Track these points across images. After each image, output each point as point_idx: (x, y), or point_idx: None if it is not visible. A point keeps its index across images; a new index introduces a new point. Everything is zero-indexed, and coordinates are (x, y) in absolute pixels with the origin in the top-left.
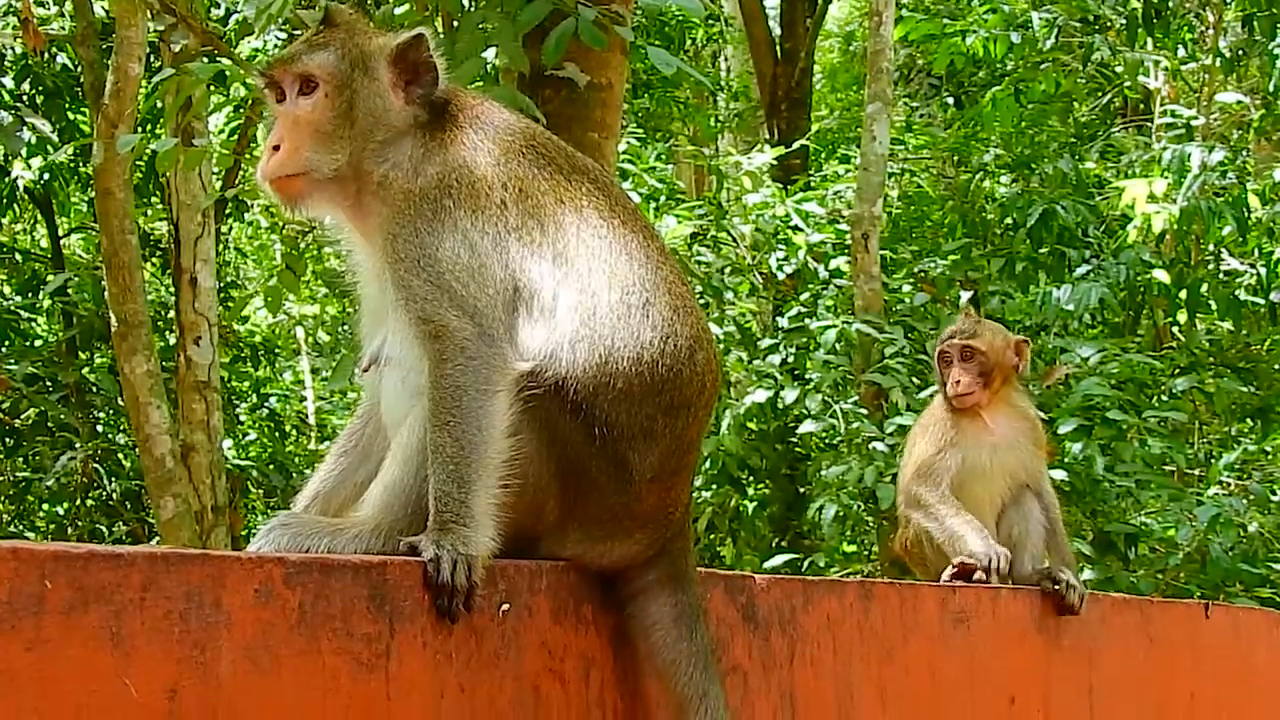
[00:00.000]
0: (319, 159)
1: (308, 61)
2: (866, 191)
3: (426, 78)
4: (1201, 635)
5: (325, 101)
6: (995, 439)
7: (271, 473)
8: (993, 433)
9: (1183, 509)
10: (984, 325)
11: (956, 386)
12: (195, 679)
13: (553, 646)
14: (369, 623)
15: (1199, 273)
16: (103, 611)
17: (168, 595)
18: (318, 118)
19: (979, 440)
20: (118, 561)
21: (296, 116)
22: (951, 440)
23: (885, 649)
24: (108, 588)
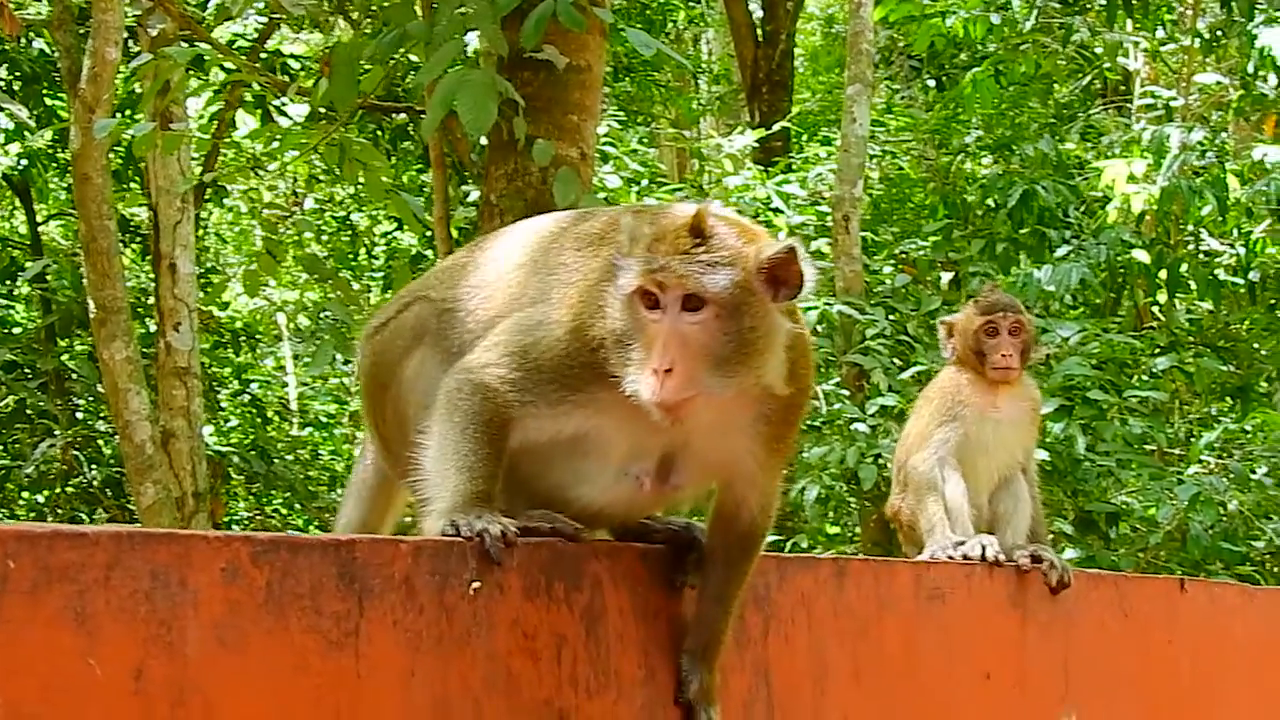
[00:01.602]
0: (714, 383)
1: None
2: (847, 173)
3: (794, 284)
4: (1177, 610)
5: (716, 323)
6: (1000, 415)
7: (253, 459)
8: (999, 409)
9: (1163, 488)
10: (1020, 303)
11: (1008, 360)
12: (161, 658)
13: (525, 624)
14: (338, 601)
15: (1179, 253)
16: (67, 591)
17: (133, 574)
18: (709, 340)
19: (984, 416)
20: (82, 541)
21: (684, 335)
22: (957, 415)
23: (860, 625)
24: (72, 567)
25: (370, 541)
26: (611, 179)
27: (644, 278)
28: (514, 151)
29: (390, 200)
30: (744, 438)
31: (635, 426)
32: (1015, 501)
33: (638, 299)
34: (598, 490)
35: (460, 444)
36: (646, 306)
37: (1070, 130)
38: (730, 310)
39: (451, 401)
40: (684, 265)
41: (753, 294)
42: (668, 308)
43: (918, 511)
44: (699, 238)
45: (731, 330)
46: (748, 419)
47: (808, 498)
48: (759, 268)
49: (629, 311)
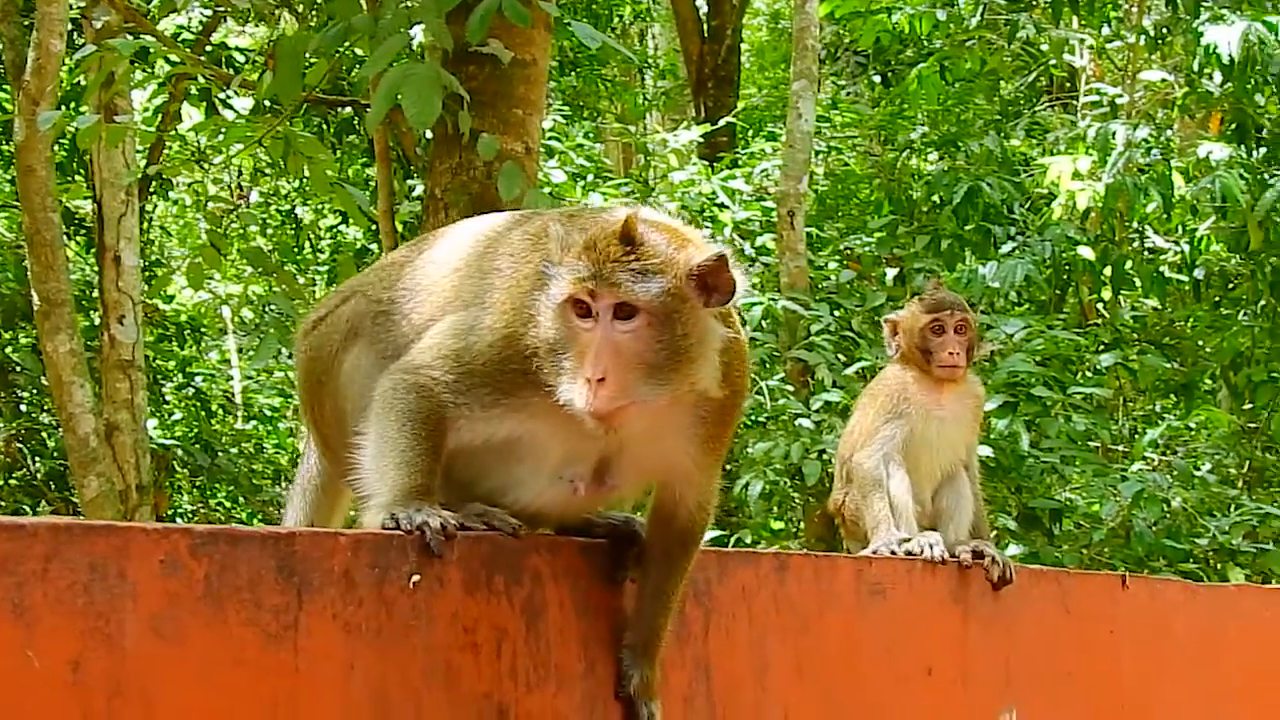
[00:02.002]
0: (648, 390)
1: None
2: (792, 169)
3: (725, 290)
4: (1119, 607)
5: (648, 331)
6: (944, 413)
7: (197, 452)
8: (943, 407)
9: (1107, 484)
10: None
11: (955, 358)
12: (99, 651)
13: (464, 618)
14: (276, 594)
15: (1124, 249)
16: (4, 583)
17: (71, 566)
18: (642, 348)
19: (929, 414)
20: (19, 532)
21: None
22: (901, 412)
23: (801, 620)
24: (9, 559)
25: (310, 534)
26: (557, 174)
27: (575, 286)
28: (459, 146)
29: (335, 194)
30: (680, 439)
31: (569, 433)
32: (958, 498)
33: (569, 308)
34: (532, 494)
35: (398, 440)
36: (578, 315)
37: (1016, 127)
38: (662, 318)
39: (388, 400)
40: (615, 273)
41: (684, 301)
42: (599, 316)
43: (862, 508)
44: (629, 245)
45: (664, 338)
46: (683, 422)
47: (751, 493)
48: (690, 275)
49: (560, 320)
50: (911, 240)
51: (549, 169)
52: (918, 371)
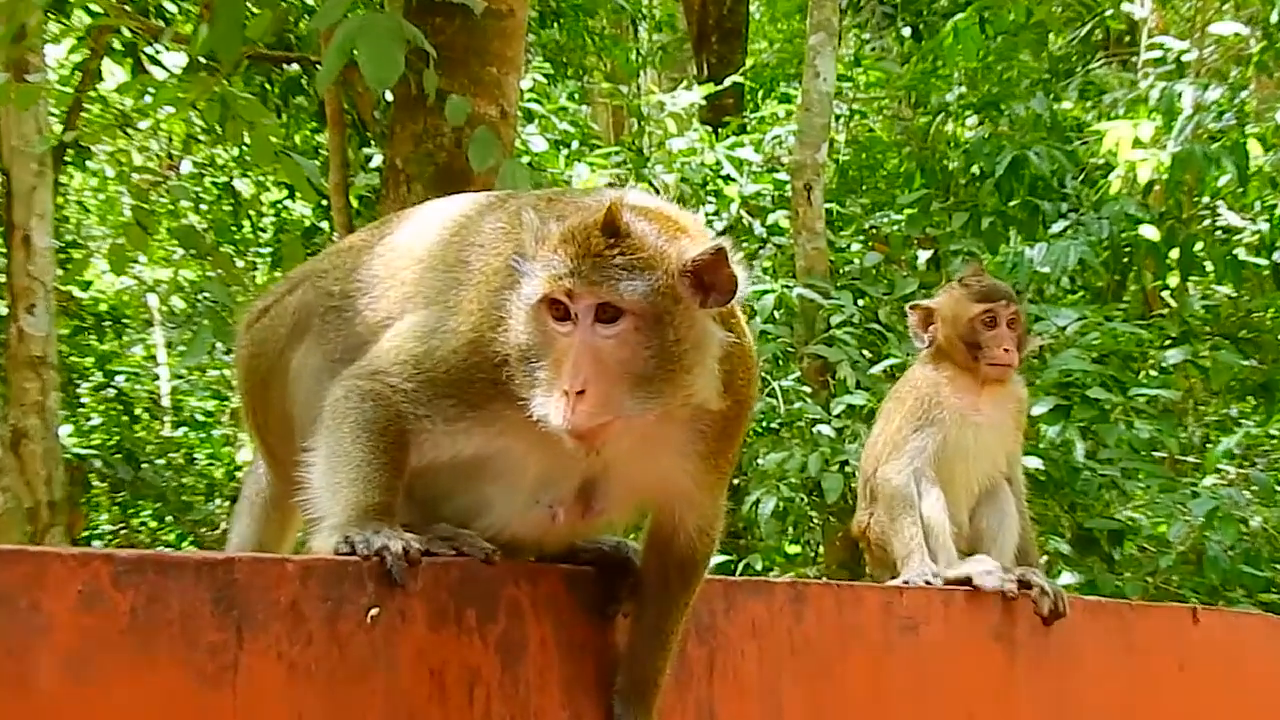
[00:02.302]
0: (635, 404)
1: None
2: (809, 136)
3: (725, 289)
4: (1189, 643)
5: (635, 335)
6: (982, 418)
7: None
8: (980, 411)
9: (1175, 502)
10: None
11: (1009, 355)
12: (8, 694)
13: (430, 658)
14: (213, 630)
15: (1192, 229)
16: None
17: None
18: (628, 355)
19: (965, 419)
20: None
21: (599, 350)
22: (933, 418)
23: (820, 660)
24: None
25: (251, 561)
26: (536, 141)
27: (550, 285)
28: (423, 109)
29: (280, 164)
30: (676, 457)
31: (546, 451)
32: (1001, 517)
33: (544, 309)
34: (506, 519)
35: (352, 453)
36: (555, 318)
37: (1067, 87)
38: (651, 321)
39: (340, 409)
40: (596, 270)
41: (677, 301)
42: (579, 319)
43: (890, 532)
44: (613, 236)
45: (653, 344)
46: (680, 437)
47: (763, 512)
48: (683, 271)
49: (535, 323)
50: (947, 218)
51: (528, 135)
52: (952, 370)
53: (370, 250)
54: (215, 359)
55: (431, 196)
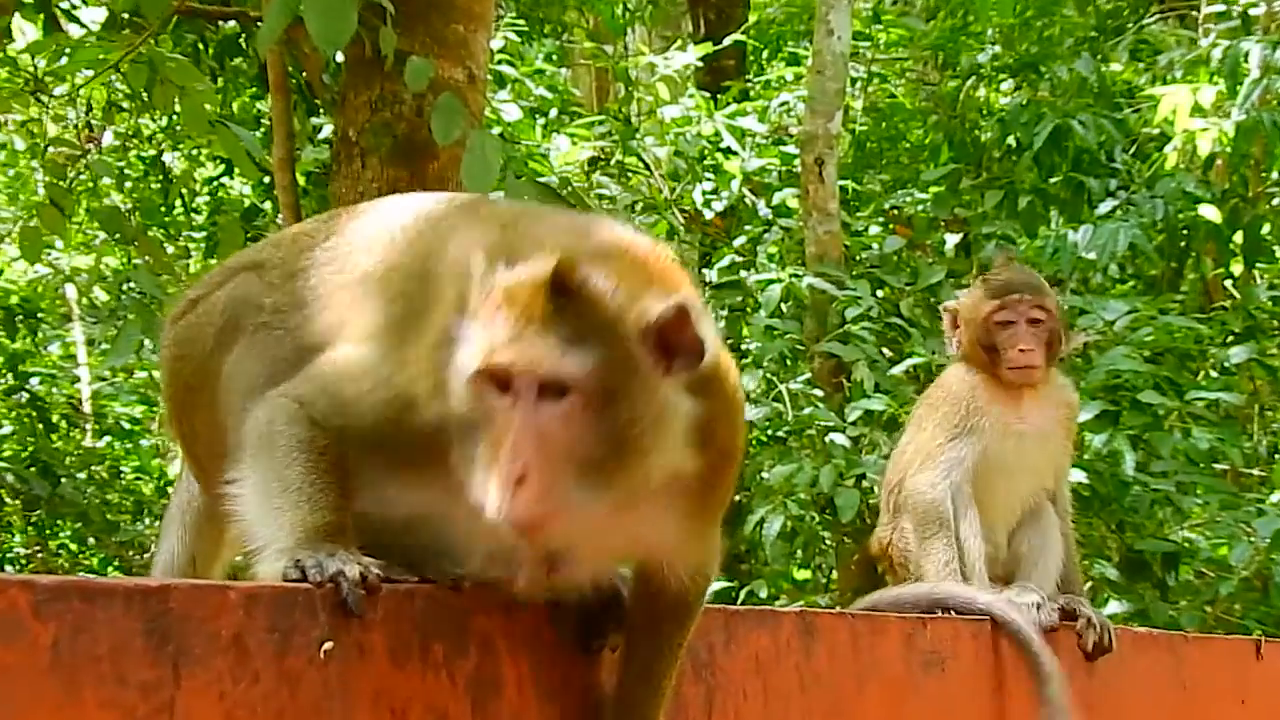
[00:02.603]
0: (584, 495)
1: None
2: (821, 103)
3: (691, 354)
4: (1251, 680)
5: (584, 414)
6: (1025, 427)
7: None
8: (1024, 419)
9: (1238, 520)
10: (1045, 282)
11: (1029, 357)
12: None
13: (392, 698)
14: (146, 666)
15: (1259, 208)
16: None
17: None
18: (576, 436)
19: (1007, 428)
20: None
21: (542, 431)
22: (972, 427)
23: (833, 699)
24: None
25: (189, 588)
26: (509, 109)
27: (487, 356)
28: (379, 73)
29: (215, 135)
30: (652, 519)
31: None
32: (1043, 540)
33: (482, 382)
34: (465, 566)
35: (289, 476)
36: (494, 390)
37: (1116, 47)
38: (603, 397)
39: (267, 433)
40: (538, 339)
41: (634, 373)
42: (520, 394)
43: (919, 553)
44: (562, 297)
45: (605, 423)
46: (653, 502)
47: (768, 532)
48: (642, 336)
49: (472, 396)
50: (979, 197)
51: (499, 103)
52: (987, 374)
53: (313, 252)
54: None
55: (390, 172)
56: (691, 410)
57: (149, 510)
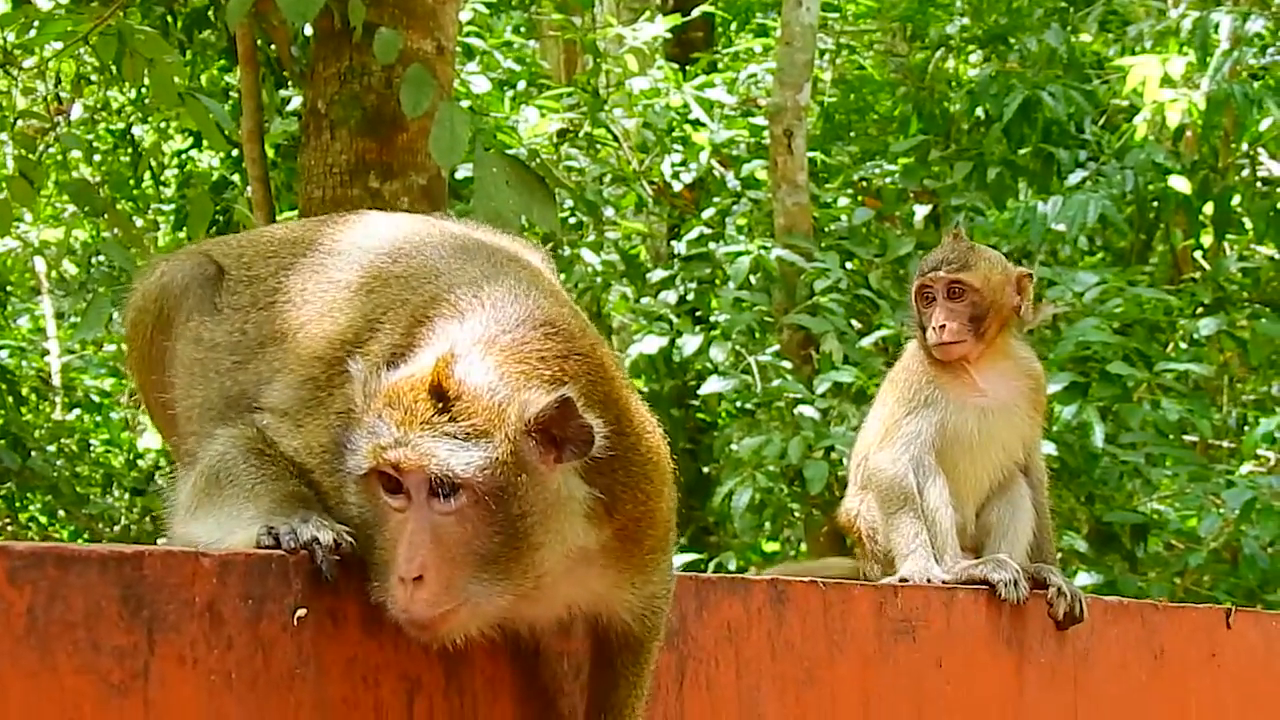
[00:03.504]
0: (483, 590)
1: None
2: (790, 74)
3: (580, 441)
4: (1222, 649)
5: (475, 510)
6: (986, 401)
7: (3, 450)
8: (983, 393)
9: (1207, 492)
10: (979, 254)
11: (940, 333)
12: None
13: (365, 664)
14: (121, 633)
15: (1229, 180)
16: None
17: None
18: (470, 533)
19: (965, 401)
20: None
21: (436, 529)
22: (928, 399)
23: (805, 668)
24: None
25: (163, 555)
26: (478, 81)
27: (374, 457)
28: (348, 45)
29: (185, 108)
30: (574, 577)
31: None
32: (1013, 510)
33: (373, 482)
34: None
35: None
36: (386, 490)
37: (1086, 18)
38: (493, 494)
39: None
40: (424, 440)
41: (522, 468)
42: (413, 494)
43: (887, 529)
44: (441, 400)
45: (498, 518)
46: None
47: (737, 504)
48: (526, 432)
49: (367, 495)
50: (948, 168)
51: (468, 75)
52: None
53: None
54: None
55: (359, 143)
56: (588, 494)
57: (118, 483)
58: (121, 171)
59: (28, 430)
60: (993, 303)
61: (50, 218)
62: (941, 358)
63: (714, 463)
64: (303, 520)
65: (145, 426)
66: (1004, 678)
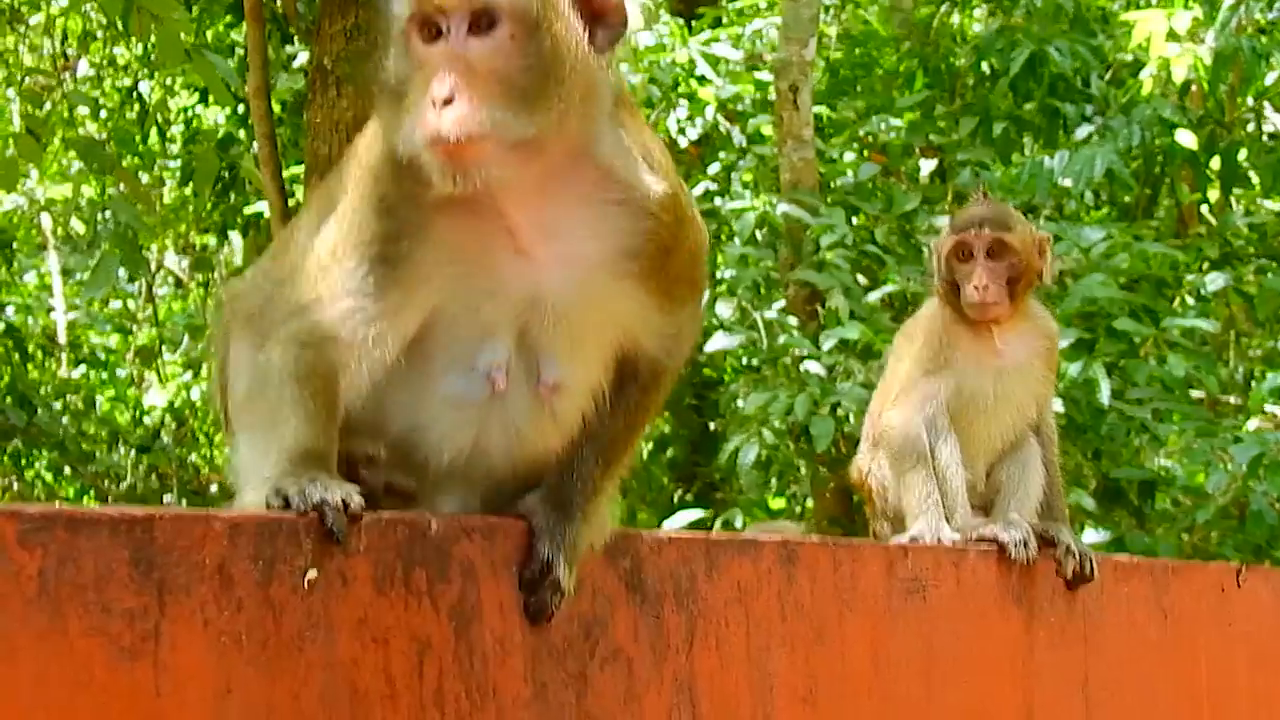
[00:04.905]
0: (510, 119)
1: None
2: (795, 29)
3: (614, 20)
4: (1232, 607)
5: (511, 44)
6: (1004, 362)
7: (9, 408)
8: (1001, 354)
9: (1214, 448)
10: (1012, 214)
11: (983, 293)
12: None
13: (375, 626)
14: (131, 595)
15: (1236, 134)
16: None
17: None
18: (503, 65)
19: (982, 362)
20: None
21: (471, 61)
22: (947, 360)
23: (815, 627)
24: None
25: (173, 518)
26: None
27: (419, 0)
28: (354, 1)
29: (191, 64)
30: (609, 279)
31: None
32: (1023, 469)
33: (414, 29)
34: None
35: (279, 409)
36: (425, 40)
37: None
38: (529, 28)
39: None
40: None
41: (558, 15)
42: (451, 34)
43: (898, 488)
44: None
45: (529, 53)
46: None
47: (743, 461)
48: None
49: (405, 48)
50: (954, 123)
51: None
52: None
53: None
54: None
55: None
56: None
57: (124, 440)
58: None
59: (34, 387)
60: (1027, 264)
61: (56, 174)
62: (978, 318)
63: (720, 419)
64: (311, 480)
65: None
66: (1014, 637)
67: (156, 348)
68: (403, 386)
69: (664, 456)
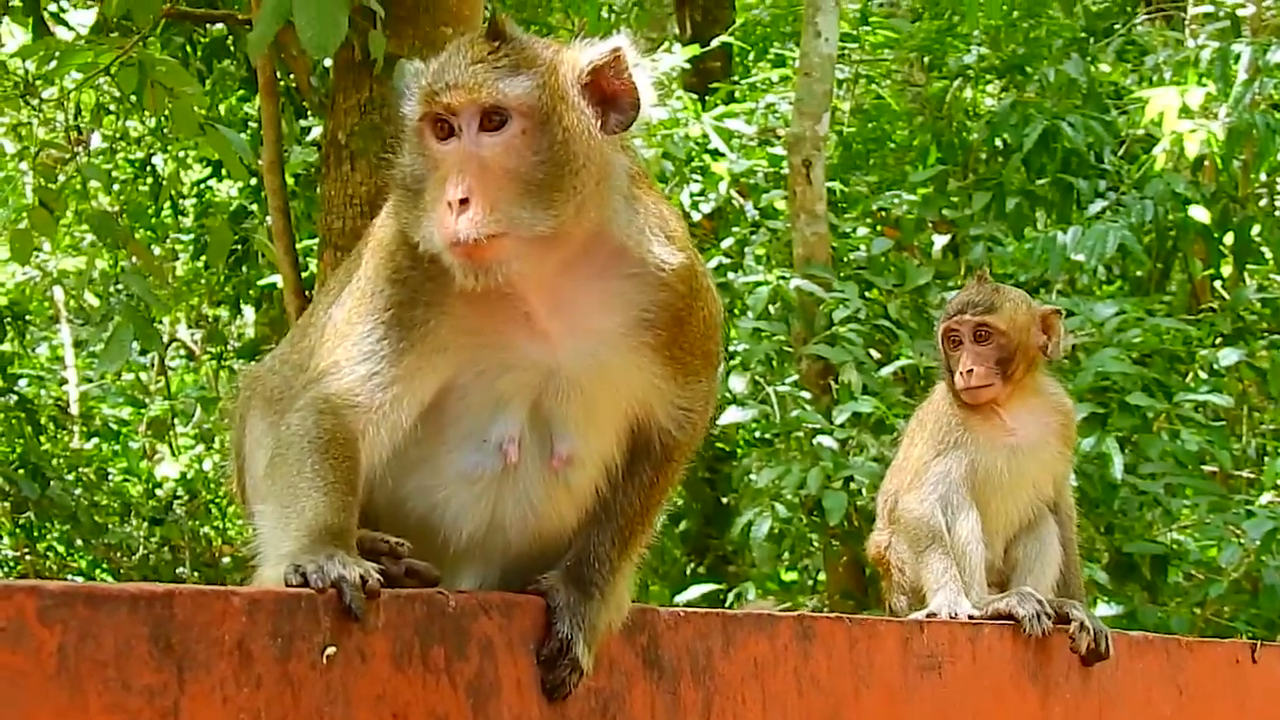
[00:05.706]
0: (526, 215)
1: (499, 90)
2: (809, 104)
3: (626, 103)
4: (1248, 684)
5: (523, 140)
6: (1016, 440)
7: (22, 479)
8: (1012, 432)
9: (1227, 522)
10: (1004, 294)
11: (968, 378)
12: None
13: (393, 702)
14: (150, 671)
15: (1249, 210)
16: None
17: None
18: (516, 161)
19: (994, 441)
20: None
21: (484, 160)
22: (957, 441)
23: (831, 704)
24: None
25: (193, 594)
26: None
27: (429, 100)
28: (369, 75)
29: (204, 137)
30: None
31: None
32: (1040, 547)
33: (428, 129)
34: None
35: (299, 480)
36: (438, 138)
37: (1105, 48)
38: (539, 123)
39: (284, 441)
40: (477, 75)
41: (568, 106)
42: (463, 133)
43: (917, 567)
44: (497, 40)
45: (542, 148)
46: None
47: (756, 534)
48: (577, 78)
49: (419, 147)
50: (966, 198)
51: None
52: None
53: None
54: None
55: (379, 174)
56: (627, 168)
57: (136, 512)
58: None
59: (46, 459)
60: (1019, 344)
61: (69, 247)
62: (969, 401)
63: (733, 493)
64: (329, 557)
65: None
66: (1030, 713)
67: (169, 420)
68: (418, 466)
69: (677, 529)
